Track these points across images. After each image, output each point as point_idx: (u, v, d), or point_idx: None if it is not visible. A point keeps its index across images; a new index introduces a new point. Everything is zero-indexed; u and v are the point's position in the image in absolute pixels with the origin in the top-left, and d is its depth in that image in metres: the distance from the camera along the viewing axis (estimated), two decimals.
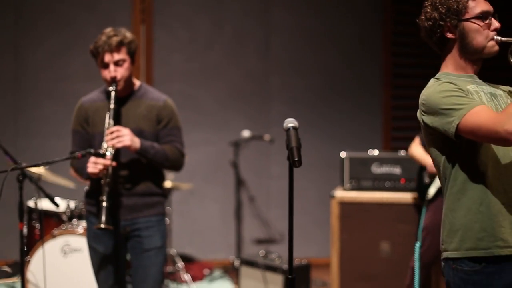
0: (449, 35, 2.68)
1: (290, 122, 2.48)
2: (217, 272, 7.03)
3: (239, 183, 7.36)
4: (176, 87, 7.38)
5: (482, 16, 2.61)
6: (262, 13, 7.70)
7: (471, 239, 2.55)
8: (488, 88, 2.69)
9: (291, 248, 2.52)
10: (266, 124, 7.60)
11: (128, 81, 3.71)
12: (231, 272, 6.89)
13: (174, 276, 6.18)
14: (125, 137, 3.52)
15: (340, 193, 5.91)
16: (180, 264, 6.33)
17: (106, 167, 3.47)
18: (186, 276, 6.24)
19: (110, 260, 3.76)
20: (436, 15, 2.66)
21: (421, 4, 2.78)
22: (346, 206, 5.86)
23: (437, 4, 2.67)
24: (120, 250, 3.78)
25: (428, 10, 2.71)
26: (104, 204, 3.46)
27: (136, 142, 3.57)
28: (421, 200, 5.38)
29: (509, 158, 2.56)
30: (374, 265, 5.80)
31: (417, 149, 5.41)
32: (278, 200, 7.60)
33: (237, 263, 6.45)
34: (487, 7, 2.63)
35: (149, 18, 7.42)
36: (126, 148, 3.57)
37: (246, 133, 6.89)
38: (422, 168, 5.38)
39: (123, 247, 3.79)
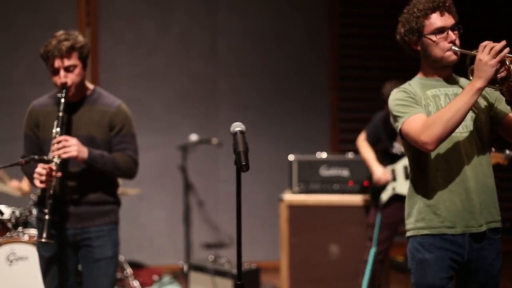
0: (415, 47, 3.14)
1: (237, 126, 2.46)
2: (166, 278, 6.95)
3: (187, 187, 7.30)
4: (122, 91, 7.27)
5: (438, 31, 3.00)
6: (208, 16, 7.65)
7: (424, 221, 3.06)
8: (454, 90, 3.09)
9: (239, 254, 2.49)
10: (214, 128, 7.55)
11: (80, 86, 3.60)
12: (181, 277, 6.83)
13: (123, 283, 6.08)
14: (71, 147, 3.41)
15: (289, 196, 5.92)
16: (129, 270, 6.23)
17: (51, 178, 3.37)
18: (135, 283, 6.15)
19: (57, 267, 3.67)
20: (403, 31, 3.16)
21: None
22: (295, 209, 5.86)
23: (404, 21, 3.15)
24: (68, 258, 3.69)
25: (399, 25, 3.20)
26: (47, 217, 3.36)
27: (84, 152, 3.47)
28: (374, 201, 5.41)
29: (453, 157, 3.01)
30: (324, 267, 5.82)
31: (366, 151, 5.43)
32: (227, 204, 7.56)
33: (186, 268, 6.39)
34: (443, 22, 3.00)
35: (94, 20, 7.31)
36: (73, 159, 3.47)
37: (194, 137, 6.83)
38: None
39: (73, 255, 3.70)
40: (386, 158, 5.38)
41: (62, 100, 3.49)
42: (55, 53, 3.45)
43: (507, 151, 4.65)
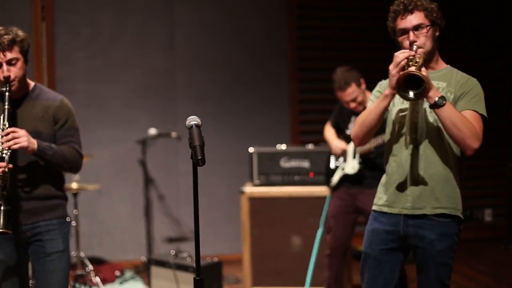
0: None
1: (193, 120, 2.44)
2: (128, 273, 6.91)
3: (148, 181, 7.26)
4: (80, 86, 7.21)
5: (401, 33, 3.30)
6: (165, 8, 7.59)
7: (376, 198, 3.53)
8: None
9: (197, 249, 2.48)
10: (173, 121, 7.51)
11: (22, 81, 3.60)
12: (143, 272, 6.80)
13: (85, 279, 6.02)
14: (22, 138, 3.42)
15: (250, 189, 5.92)
16: (90, 266, 6.18)
17: (2, 170, 3.34)
18: (97, 279, 6.10)
19: (11, 267, 3.63)
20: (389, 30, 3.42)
21: None
22: (256, 202, 5.87)
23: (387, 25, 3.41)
24: (21, 256, 3.66)
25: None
26: (1, 207, 3.34)
27: (34, 143, 3.48)
28: (327, 185, 5.45)
29: (405, 145, 3.34)
30: (286, 259, 5.83)
31: (329, 131, 5.51)
32: (188, 198, 7.53)
33: (147, 263, 6.36)
34: (403, 24, 3.27)
35: (49, 15, 7.21)
36: (24, 150, 3.46)
37: (152, 131, 6.78)
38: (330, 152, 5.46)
39: (25, 253, 3.67)
40: (346, 141, 5.42)
41: (7, 94, 3.49)
42: None
43: None
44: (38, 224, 3.63)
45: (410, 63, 3.07)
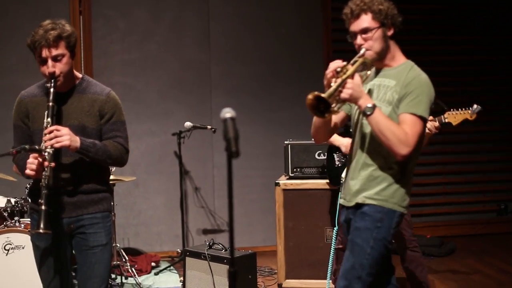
0: None
1: (227, 112, 2.44)
2: (163, 264, 6.98)
3: (183, 173, 7.31)
4: (116, 79, 7.29)
5: (352, 36, 3.45)
6: (200, 1, 7.63)
7: None
8: (378, 81, 3.49)
9: (232, 241, 2.50)
10: (208, 114, 7.56)
11: (68, 76, 3.54)
12: (177, 263, 6.86)
13: (121, 270, 6.11)
14: (64, 137, 3.36)
15: (284, 181, 5.93)
16: (126, 257, 6.26)
17: (43, 169, 3.35)
18: (133, 270, 6.18)
19: (53, 257, 3.66)
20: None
21: None
22: (290, 194, 5.88)
23: None
24: (63, 247, 3.68)
25: None
26: (43, 207, 3.34)
27: (76, 141, 3.42)
28: (333, 183, 5.46)
29: (355, 144, 3.53)
30: (320, 251, 5.84)
31: None
32: (223, 190, 7.58)
33: (183, 254, 6.41)
34: (352, 28, 3.43)
35: (87, 9, 7.31)
36: (66, 148, 3.43)
37: (188, 124, 6.82)
38: (332, 150, 5.45)
39: (67, 245, 3.69)
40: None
41: (52, 90, 3.43)
42: (42, 43, 3.38)
43: (475, 106, 4.80)
44: (82, 217, 3.61)
45: (339, 74, 3.21)
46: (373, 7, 3.32)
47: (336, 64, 3.23)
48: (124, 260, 6.23)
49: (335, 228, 5.37)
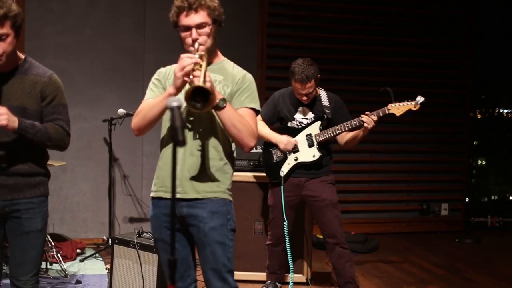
0: None
1: (174, 101, 2.45)
2: (89, 251, 6.92)
3: (112, 160, 7.25)
4: (48, 61, 7.11)
5: (183, 29, 3.36)
6: None
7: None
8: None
9: (173, 229, 2.52)
10: (140, 101, 7.46)
11: (11, 56, 3.48)
12: (104, 251, 6.81)
13: (46, 256, 6.02)
14: (1, 116, 3.30)
15: None
16: (52, 243, 6.18)
17: None
18: (58, 256, 6.11)
19: None
20: (171, 21, 3.47)
21: None
22: None
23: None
24: None
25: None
26: None
27: (14, 122, 3.36)
28: (273, 178, 5.53)
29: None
30: (248, 244, 5.89)
31: (265, 127, 5.53)
32: (150, 178, 7.51)
33: (110, 242, 6.37)
34: (187, 22, 3.33)
35: None
36: (3, 128, 3.35)
37: (122, 111, 6.76)
38: (268, 146, 5.52)
39: (1, 228, 3.62)
40: (284, 133, 5.49)
41: None
42: None
43: (418, 97, 4.97)
44: (18, 201, 3.55)
45: (195, 67, 3.15)
46: (209, 3, 3.36)
47: (194, 59, 3.17)
48: (50, 245, 6.14)
49: (284, 223, 5.42)
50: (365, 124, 5.13)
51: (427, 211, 8.88)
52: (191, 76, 3.12)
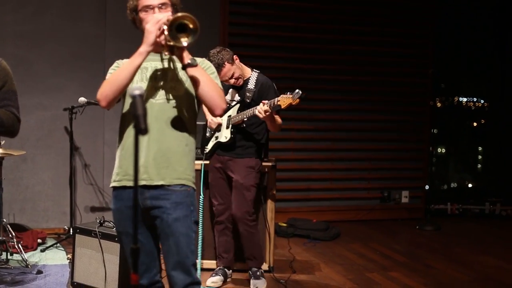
0: (140, 26, 3.39)
1: (136, 89, 2.45)
2: (50, 241, 6.86)
3: (73, 149, 7.19)
4: (7, 49, 7.07)
5: (144, 10, 3.31)
6: None
7: None
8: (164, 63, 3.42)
9: (135, 217, 2.51)
10: None
11: None
12: (65, 240, 6.76)
13: (6, 246, 5.96)
14: None
15: None
16: (13, 233, 6.12)
17: None
18: (19, 246, 6.05)
19: None
20: (128, 11, 3.42)
21: None
22: None
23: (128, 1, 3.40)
24: None
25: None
26: None
27: None
28: (202, 154, 5.65)
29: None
30: None
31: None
32: (112, 167, 7.48)
33: (71, 231, 6.33)
34: (149, 2, 3.29)
35: None
36: None
37: (83, 99, 6.69)
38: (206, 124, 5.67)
39: None
40: None
41: None
42: None
43: (296, 90, 4.96)
44: None
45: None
46: None
47: (166, 14, 3.25)
48: (10, 236, 6.08)
49: (200, 197, 5.51)
50: (257, 114, 5.15)
51: (388, 199, 8.98)
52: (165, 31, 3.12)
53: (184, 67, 3.19)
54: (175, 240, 3.23)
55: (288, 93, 5.04)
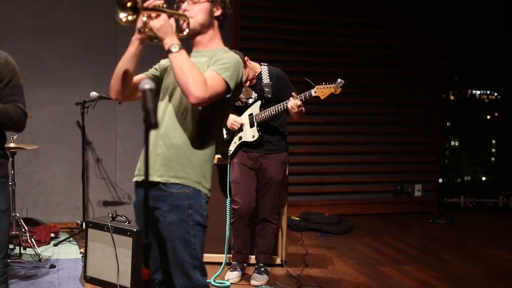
0: None
1: (146, 83, 2.44)
2: (62, 236, 6.88)
3: (85, 144, 7.20)
4: (19, 44, 7.09)
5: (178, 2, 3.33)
6: None
7: None
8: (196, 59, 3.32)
9: (147, 214, 2.51)
10: None
11: None
12: (78, 235, 6.77)
13: (19, 240, 5.98)
14: None
15: None
16: (26, 227, 6.14)
17: None
18: (32, 240, 6.06)
19: None
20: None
21: None
22: None
23: None
24: None
25: None
26: None
27: None
28: (222, 156, 5.69)
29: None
30: (225, 226, 5.87)
31: None
32: (125, 162, 7.52)
33: (84, 225, 6.34)
34: None
35: None
36: None
37: (94, 94, 6.69)
38: None
39: None
40: (233, 113, 5.56)
41: None
42: None
43: (338, 80, 4.94)
44: None
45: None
46: None
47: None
48: (23, 230, 6.10)
49: (227, 200, 5.50)
50: (289, 109, 5.15)
51: (400, 192, 8.95)
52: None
53: (167, 52, 3.12)
54: (172, 244, 3.17)
55: (326, 83, 5.04)
